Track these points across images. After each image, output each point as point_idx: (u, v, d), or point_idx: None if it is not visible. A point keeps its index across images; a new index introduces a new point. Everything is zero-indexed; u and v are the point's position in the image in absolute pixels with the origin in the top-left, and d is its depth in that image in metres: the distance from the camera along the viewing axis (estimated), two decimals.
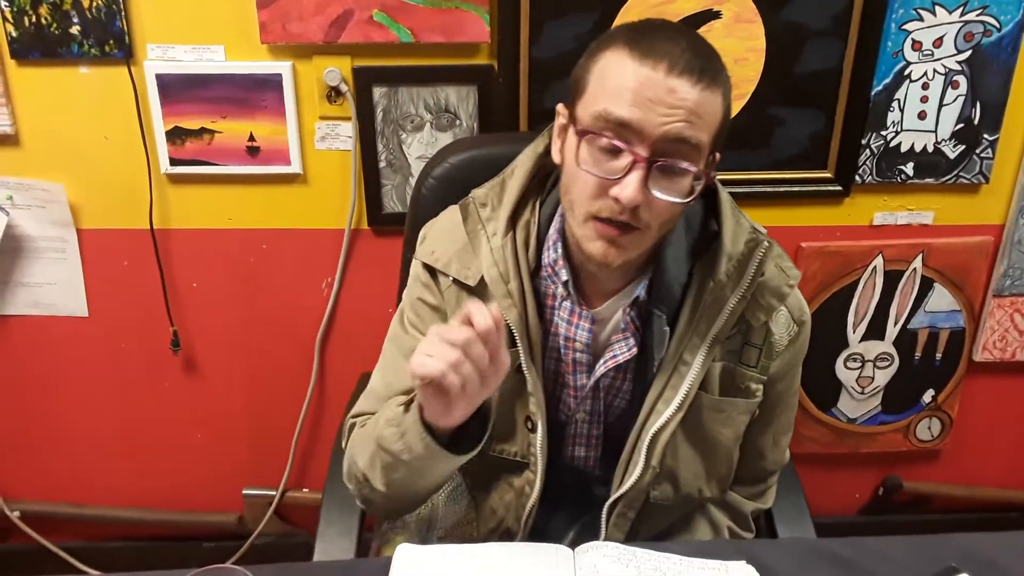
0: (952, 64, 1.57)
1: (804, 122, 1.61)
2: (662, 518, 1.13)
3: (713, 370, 1.05)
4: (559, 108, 1.01)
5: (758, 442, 1.15)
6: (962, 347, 1.84)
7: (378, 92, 1.55)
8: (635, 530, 1.10)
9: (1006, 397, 1.94)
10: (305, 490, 1.92)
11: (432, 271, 1.08)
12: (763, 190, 1.64)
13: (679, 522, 1.17)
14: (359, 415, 1.13)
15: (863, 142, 1.62)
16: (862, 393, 1.87)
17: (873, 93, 1.58)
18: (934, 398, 1.89)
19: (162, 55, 1.51)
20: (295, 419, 1.82)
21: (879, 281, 1.76)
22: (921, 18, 1.53)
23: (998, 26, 1.54)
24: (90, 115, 1.56)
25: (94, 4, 1.46)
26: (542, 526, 1.12)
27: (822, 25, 1.53)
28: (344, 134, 1.58)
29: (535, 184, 1.07)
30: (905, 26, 1.54)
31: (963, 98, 1.60)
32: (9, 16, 1.46)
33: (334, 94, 1.55)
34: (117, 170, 1.60)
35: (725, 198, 1.05)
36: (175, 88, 1.53)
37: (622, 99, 0.89)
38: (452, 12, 1.47)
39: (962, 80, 1.59)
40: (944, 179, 1.67)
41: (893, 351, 1.83)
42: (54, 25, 1.47)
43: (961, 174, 1.66)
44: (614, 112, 0.89)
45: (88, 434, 1.84)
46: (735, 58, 1.54)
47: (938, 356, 1.84)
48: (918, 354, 1.84)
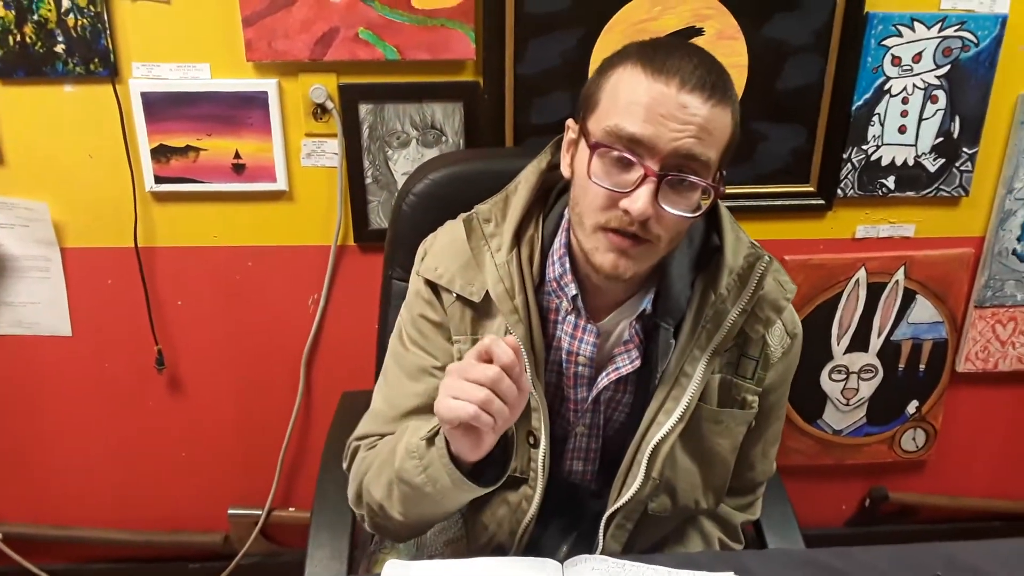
0: (931, 79, 1.60)
1: (786, 137, 1.63)
2: (658, 529, 1.14)
3: (712, 382, 1.06)
4: (569, 123, 1.02)
5: (748, 453, 1.16)
6: (945, 358, 1.86)
7: (364, 109, 1.55)
8: (631, 542, 1.11)
9: (989, 407, 1.95)
10: (291, 509, 1.90)
11: (435, 287, 1.07)
12: (747, 204, 1.65)
13: (672, 534, 1.17)
14: (363, 437, 1.12)
15: (845, 156, 1.64)
16: (847, 405, 1.88)
17: (854, 108, 1.60)
18: (918, 409, 1.90)
19: (147, 73, 1.51)
20: (281, 437, 1.81)
21: (862, 293, 1.77)
22: (900, 34, 1.56)
23: (976, 41, 1.57)
24: (75, 133, 1.55)
25: (79, 23, 1.46)
26: (535, 541, 1.12)
27: (803, 41, 1.55)
28: (330, 151, 1.59)
29: (538, 199, 1.07)
30: (884, 42, 1.56)
31: (942, 112, 1.63)
32: None
33: (320, 111, 1.55)
34: (102, 188, 1.59)
35: (725, 213, 1.07)
36: (160, 106, 1.53)
37: (634, 114, 0.90)
38: (438, 30, 1.49)
39: (941, 95, 1.61)
40: (925, 192, 1.69)
41: (877, 363, 1.84)
42: (39, 44, 1.47)
43: (941, 187, 1.69)
44: (626, 127, 0.90)
45: (72, 454, 1.83)
46: None
47: (921, 367, 1.86)
48: (902, 365, 1.85)
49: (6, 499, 1.86)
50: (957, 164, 1.67)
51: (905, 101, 1.61)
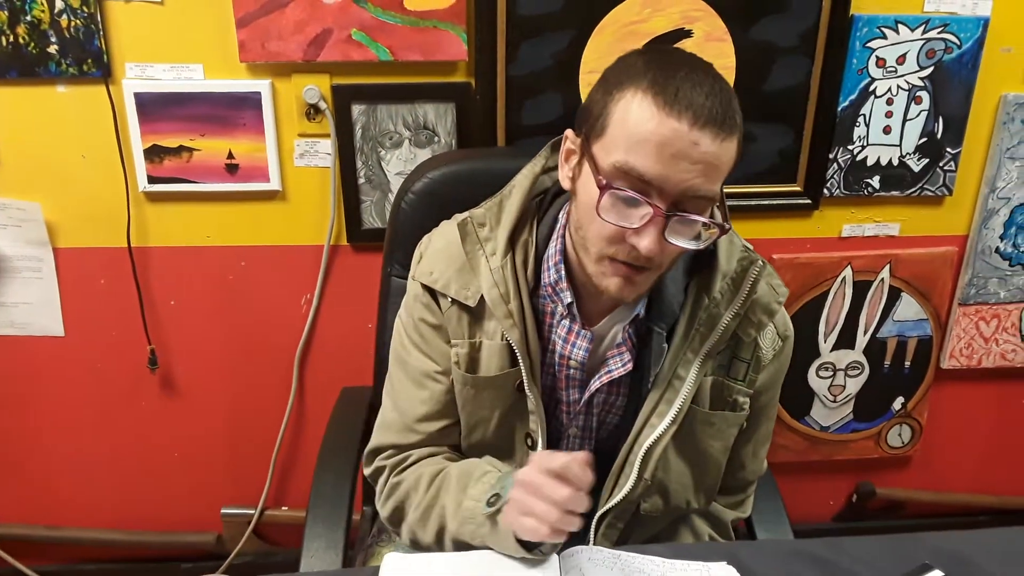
0: (915, 80, 1.63)
1: (773, 138, 1.65)
2: (649, 528, 1.15)
3: (704, 384, 1.07)
4: (568, 134, 1.00)
5: (740, 453, 1.17)
6: (930, 355, 1.88)
7: (357, 109, 1.56)
8: (622, 541, 1.12)
9: (973, 403, 1.98)
10: (285, 508, 1.91)
11: (432, 292, 1.08)
12: (735, 204, 1.67)
13: (663, 532, 1.18)
14: (381, 448, 1.13)
15: (831, 156, 1.66)
16: (834, 401, 1.91)
17: (840, 109, 1.63)
18: (904, 405, 1.93)
19: (140, 74, 1.51)
20: (274, 437, 1.82)
21: (848, 292, 1.80)
22: (885, 36, 1.58)
23: (959, 43, 1.60)
24: (68, 134, 1.56)
25: (72, 23, 1.47)
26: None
27: (790, 43, 1.57)
28: (323, 151, 1.60)
29: (532, 203, 1.08)
30: (869, 44, 1.59)
31: (926, 113, 1.65)
32: None
33: (313, 112, 1.56)
34: (95, 188, 1.59)
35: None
36: (153, 106, 1.53)
37: (645, 152, 0.89)
38: (430, 31, 1.50)
39: (925, 96, 1.64)
40: (909, 192, 1.72)
41: (863, 360, 1.87)
42: (32, 44, 1.48)
43: (925, 187, 1.71)
44: (636, 167, 0.89)
45: (64, 455, 1.83)
46: None
47: (907, 364, 1.89)
48: (887, 362, 1.88)
49: None
50: (941, 164, 1.70)
51: (890, 102, 1.64)
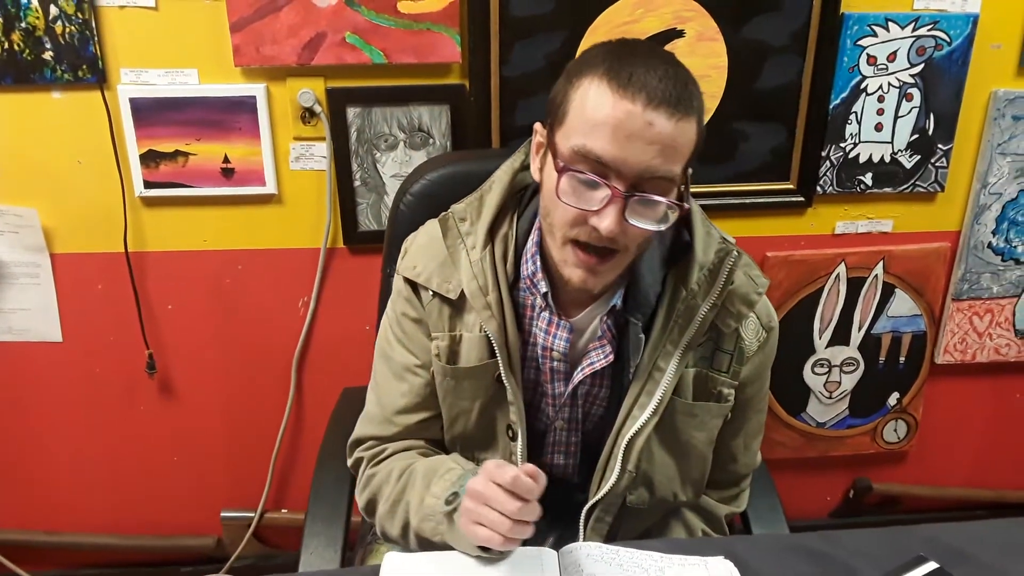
0: (906, 77, 1.64)
1: (766, 136, 1.66)
2: (638, 522, 1.15)
3: (686, 375, 1.08)
4: (536, 127, 1.03)
5: (730, 446, 1.18)
6: (924, 350, 1.90)
7: (352, 112, 1.57)
8: (612, 534, 1.12)
9: (968, 398, 2.00)
10: (284, 511, 1.91)
11: (414, 285, 1.10)
12: (729, 202, 1.69)
13: (655, 527, 1.19)
14: (361, 440, 1.16)
15: (823, 154, 1.68)
16: (830, 398, 1.92)
17: (831, 107, 1.64)
18: (899, 401, 1.94)
19: (135, 79, 1.52)
20: (273, 440, 1.82)
21: (842, 288, 1.81)
22: (875, 34, 1.59)
23: (949, 40, 1.61)
24: (63, 140, 1.56)
25: (67, 30, 1.47)
26: None
27: (781, 42, 1.58)
28: (318, 154, 1.60)
29: (512, 198, 1.10)
30: (860, 42, 1.60)
31: (917, 110, 1.67)
32: None
33: (308, 115, 1.57)
34: (91, 194, 1.60)
35: (696, 209, 1.08)
36: (149, 112, 1.54)
37: (601, 135, 0.90)
38: (424, 33, 1.51)
39: (916, 93, 1.65)
40: (902, 188, 1.73)
41: (858, 356, 1.88)
42: (27, 51, 1.48)
43: (918, 183, 1.73)
44: (593, 149, 0.91)
45: (63, 460, 1.83)
46: (698, 75, 1.54)
47: (901, 360, 1.90)
48: (882, 358, 1.89)
49: None
50: (932, 160, 1.71)
51: (881, 99, 1.65)
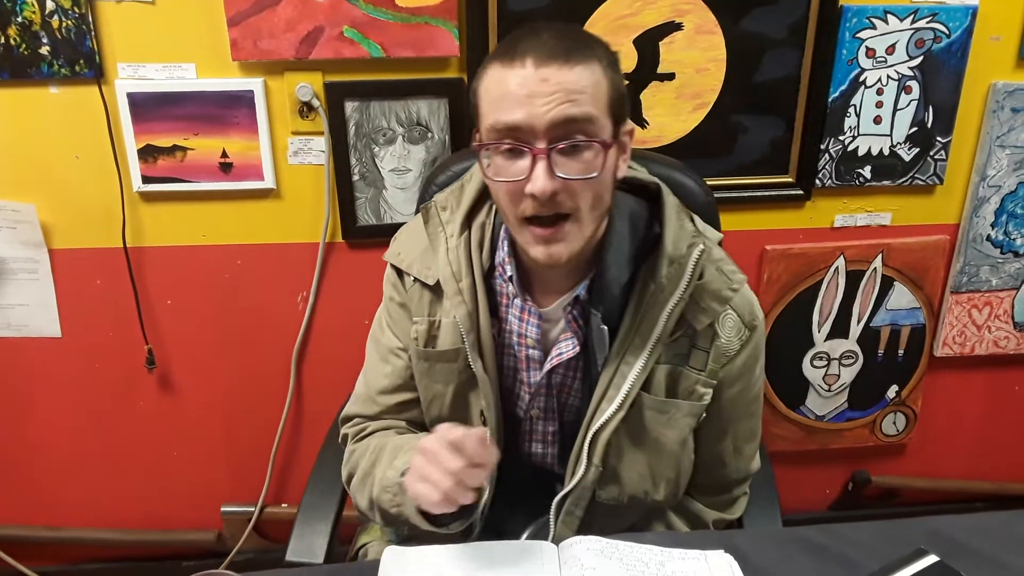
0: (905, 70, 1.64)
1: (765, 129, 1.66)
2: (616, 520, 1.13)
3: (658, 372, 1.06)
4: (474, 133, 1.03)
5: (716, 449, 1.15)
6: (923, 343, 1.90)
7: (350, 107, 1.57)
8: (584, 530, 1.10)
9: (967, 390, 2.00)
10: (284, 505, 1.92)
11: (399, 271, 1.13)
12: (728, 195, 1.68)
13: (636, 527, 1.16)
14: (349, 418, 1.21)
15: (822, 147, 1.67)
16: (829, 391, 1.92)
17: (830, 99, 1.63)
18: (898, 393, 1.94)
19: (133, 74, 1.52)
20: (273, 434, 1.82)
21: (841, 281, 1.81)
22: (874, 26, 1.59)
23: (948, 33, 1.61)
24: (61, 135, 1.56)
25: (64, 24, 1.47)
26: (499, 524, 1.13)
27: (780, 35, 1.58)
28: (317, 148, 1.60)
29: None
30: (859, 34, 1.59)
31: (916, 102, 1.66)
32: None
33: (306, 109, 1.56)
34: (89, 189, 1.60)
35: (670, 202, 1.07)
36: (146, 106, 1.53)
37: (505, 105, 0.93)
38: (422, 27, 1.50)
39: (915, 85, 1.65)
40: (900, 181, 1.73)
41: (857, 349, 1.88)
42: (23, 46, 1.48)
43: (916, 176, 1.72)
44: (502, 119, 0.93)
45: (63, 455, 1.83)
46: (697, 68, 1.59)
47: (900, 352, 1.90)
48: (881, 351, 1.89)
49: None
50: (931, 153, 1.71)
51: (880, 92, 1.65)
